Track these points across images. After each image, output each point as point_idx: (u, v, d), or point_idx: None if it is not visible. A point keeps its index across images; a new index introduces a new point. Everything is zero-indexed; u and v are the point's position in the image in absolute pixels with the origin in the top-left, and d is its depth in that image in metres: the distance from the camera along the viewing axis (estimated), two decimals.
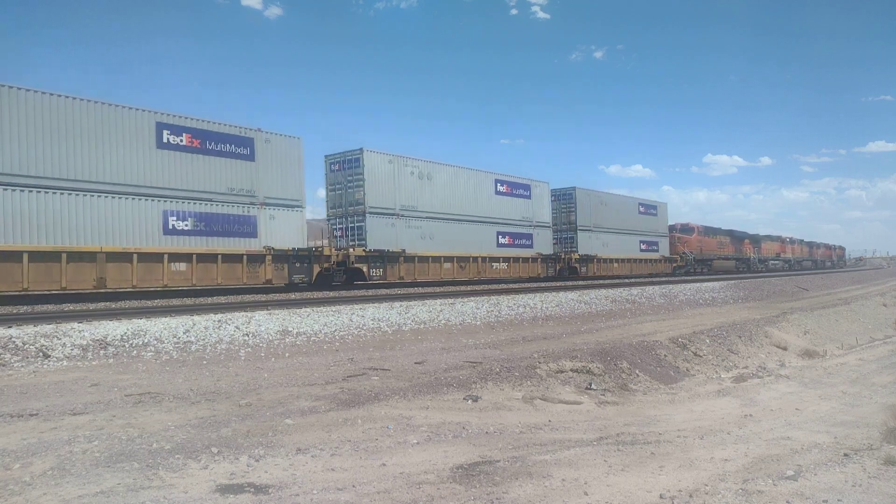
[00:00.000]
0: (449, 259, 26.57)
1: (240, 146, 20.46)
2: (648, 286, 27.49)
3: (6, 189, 15.36)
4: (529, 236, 31.66)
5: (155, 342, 10.42)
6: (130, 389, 7.41)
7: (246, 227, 20.26)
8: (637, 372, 10.86)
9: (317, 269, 21.82)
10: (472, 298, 18.85)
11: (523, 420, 7.31)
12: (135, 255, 17.39)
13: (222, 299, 17.72)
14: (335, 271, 22.69)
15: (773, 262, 64.35)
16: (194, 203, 19.14)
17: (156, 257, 17.88)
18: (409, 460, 5.40)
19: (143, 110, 18.23)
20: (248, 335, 11.40)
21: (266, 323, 12.42)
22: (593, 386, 9.57)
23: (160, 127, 18.48)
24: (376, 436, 6.05)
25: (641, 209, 42.05)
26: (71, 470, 4.66)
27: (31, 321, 11.55)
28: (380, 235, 23.61)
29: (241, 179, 20.36)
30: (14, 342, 9.55)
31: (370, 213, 23.41)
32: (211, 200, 19.54)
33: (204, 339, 10.86)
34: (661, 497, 4.75)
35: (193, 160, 19.24)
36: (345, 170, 23.78)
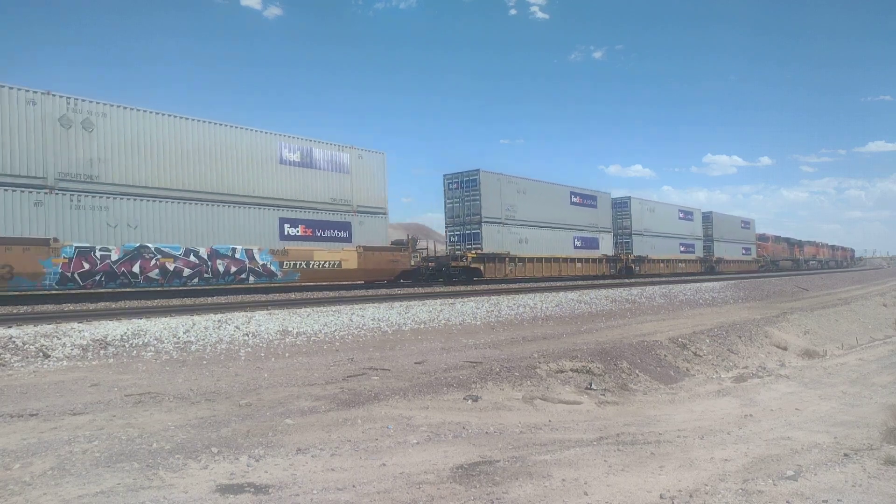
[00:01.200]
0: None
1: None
2: (648, 286, 27.49)
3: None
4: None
5: (155, 342, 10.42)
6: (130, 389, 7.41)
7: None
8: (637, 372, 10.85)
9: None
10: (472, 298, 18.85)
11: (523, 420, 7.31)
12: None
13: (222, 299, 17.72)
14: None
15: (811, 262, 79.02)
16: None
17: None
18: (409, 460, 5.40)
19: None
20: (248, 335, 11.40)
21: (266, 323, 12.42)
22: (593, 386, 9.57)
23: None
24: (376, 436, 6.05)
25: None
26: (71, 470, 4.66)
27: (31, 321, 11.55)
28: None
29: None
30: (14, 342, 9.54)
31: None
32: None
33: (204, 339, 10.86)
34: (661, 497, 4.75)
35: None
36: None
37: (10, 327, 10.55)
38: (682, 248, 46.72)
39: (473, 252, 27.47)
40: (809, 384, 11.08)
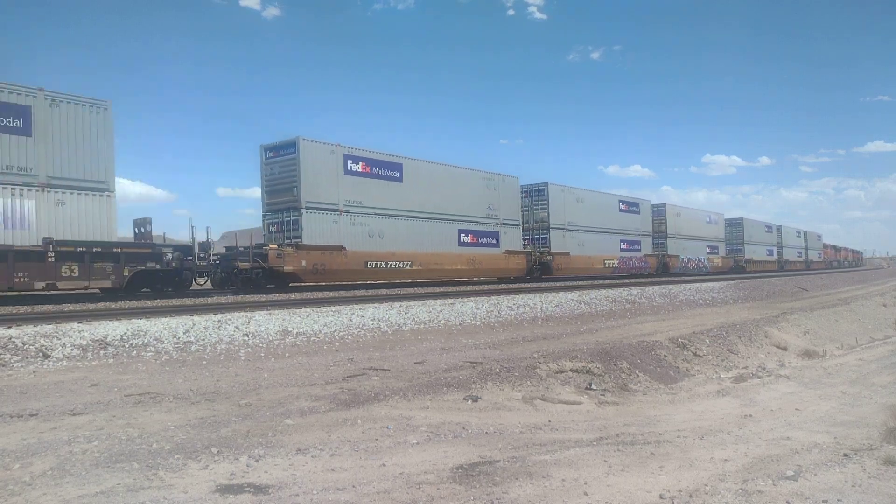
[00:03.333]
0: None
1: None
2: (649, 286, 27.50)
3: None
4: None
5: (155, 342, 10.42)
6: (130, 389, 7.41)
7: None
8: (637, 372, 10.85)
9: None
10: (472, 299, 18.85)
11: (523, 420, 7.31)
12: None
13: (223, 299, 17.72)
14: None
15: (836, 262, 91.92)
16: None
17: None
18: (409, 460, 5.39)
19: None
20: (247, 335, 11.40)
21: (266, 323, 12.42)
22: (593, 386, 9.57)
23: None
24: (376, 436, 6.05)
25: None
26: (71, 470, 4.66)
27: (31, 321, 11.55)
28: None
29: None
30: (14, 342, 9.54)
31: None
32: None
33: (204, 340, 10.85)
34: (660, 497, 4.75)
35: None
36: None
37: (10, 327, 10.55)
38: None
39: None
40: (809, 384, 11.08)
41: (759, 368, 12.76)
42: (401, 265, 25.28)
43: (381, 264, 24.34)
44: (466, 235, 28.97)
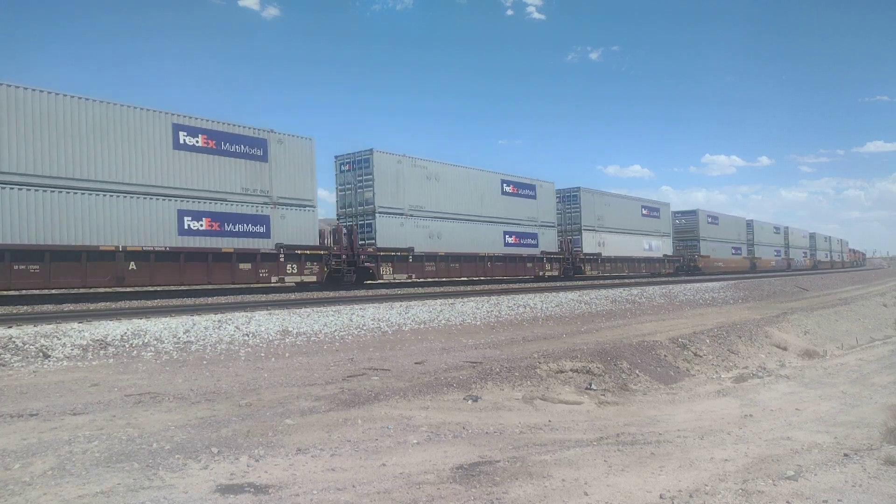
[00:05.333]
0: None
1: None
2: (649, 286, 27.50)
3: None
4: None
5: (155, 342, 10.42)
6: (130, 389, 7.41)
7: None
8: (637, 372, 10.85)
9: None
10: (473, 298, 18.85)
11: (523, 420, 7.31)
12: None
13: (222, 299, 17.72)
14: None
15: (841, 262, 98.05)
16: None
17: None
18: (409, 460, 5.39)
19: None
20: (248, 335, 11.40)
21: (266, 323, 12.42)
22: (593, 386, 9.57)
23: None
24: (376, 436, 6.04)
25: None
26: (71, 470, 4.66)
27: (31, 321, 11.55)
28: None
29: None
30: (14, 342, 9.54)
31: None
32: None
33: (204, 340, 10.85)
34: (661, 497, 4.75)
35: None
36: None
37: (10, 327, 10.55)
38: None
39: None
40: (809, 384, 11.08)
41: (759, 368, 12.76)
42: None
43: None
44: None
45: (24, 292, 16.68)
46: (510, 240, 31.24)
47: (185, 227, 18.47)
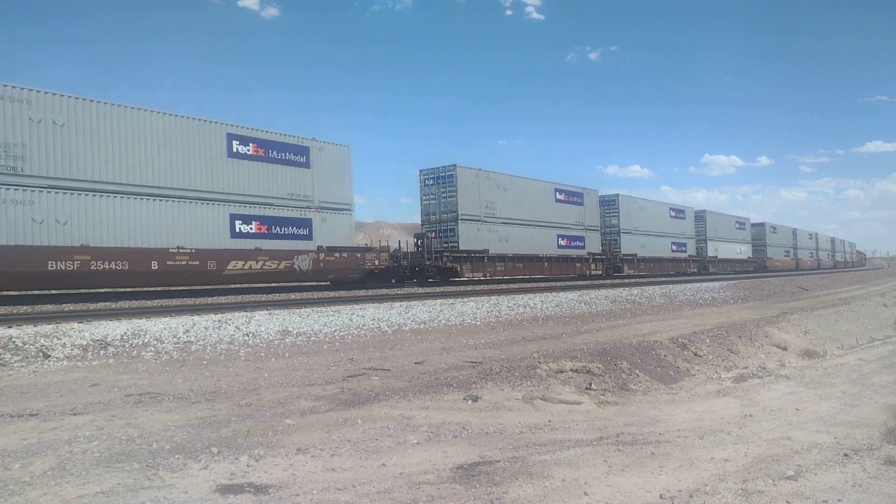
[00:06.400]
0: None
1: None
2: (649, 286, 27.50)
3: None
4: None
5: (155, 342, 10.42)
6: (130, 389, 7.41)
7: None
8: (637, 372, 10.85)
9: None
10: (472, 298, 18.85)
11: (523, 420, 7.31)
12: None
13: (222, 299, 17.73)
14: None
15: (844, 262, 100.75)
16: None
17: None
18: (409, 460, 5.39)
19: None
20: (248, 335, 11.39)
21: (266, 323, 12.42)
22: (593, 386, 9.57)
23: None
24: (376, 436, 6.04)
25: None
26: (71, 470, 4.66)
27: (31, 321, 11.55)
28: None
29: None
30: (14, 342, 9.54)
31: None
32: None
33: (204, 339, 10.85)
34: (661, 497, 4.75)
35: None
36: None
37: (10, 327, 10.55)
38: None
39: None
40: (809, 384, 11.08)
41: (759, 368, 12.75)
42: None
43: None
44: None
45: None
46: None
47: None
